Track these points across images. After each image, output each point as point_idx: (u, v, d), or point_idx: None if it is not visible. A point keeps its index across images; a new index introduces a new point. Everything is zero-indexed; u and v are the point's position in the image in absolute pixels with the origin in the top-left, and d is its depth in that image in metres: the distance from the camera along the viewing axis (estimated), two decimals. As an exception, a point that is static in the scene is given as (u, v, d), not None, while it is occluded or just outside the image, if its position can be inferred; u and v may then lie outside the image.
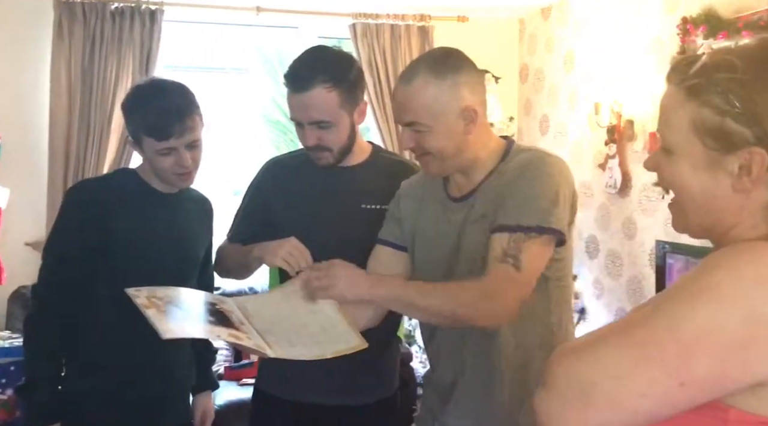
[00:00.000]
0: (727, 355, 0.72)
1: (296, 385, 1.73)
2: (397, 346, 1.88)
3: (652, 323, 0.75)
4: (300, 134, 1.66)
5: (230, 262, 1.78)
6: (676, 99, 0.84)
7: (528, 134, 4.27)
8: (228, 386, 3.32)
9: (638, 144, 3.29)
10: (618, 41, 3.44)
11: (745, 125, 0.79)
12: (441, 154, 1.41)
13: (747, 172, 0.79)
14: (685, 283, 0.77)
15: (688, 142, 0.83)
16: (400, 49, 3.99)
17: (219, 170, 4.96)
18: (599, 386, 0.74)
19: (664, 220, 3.12)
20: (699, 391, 0.74)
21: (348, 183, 1.72)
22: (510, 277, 1.32)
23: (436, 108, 1.38)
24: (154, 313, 1.32)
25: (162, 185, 1.75)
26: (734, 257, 0.76)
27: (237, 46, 5.08)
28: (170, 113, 1.63)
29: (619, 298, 3.43)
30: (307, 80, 1.58)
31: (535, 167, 1.39)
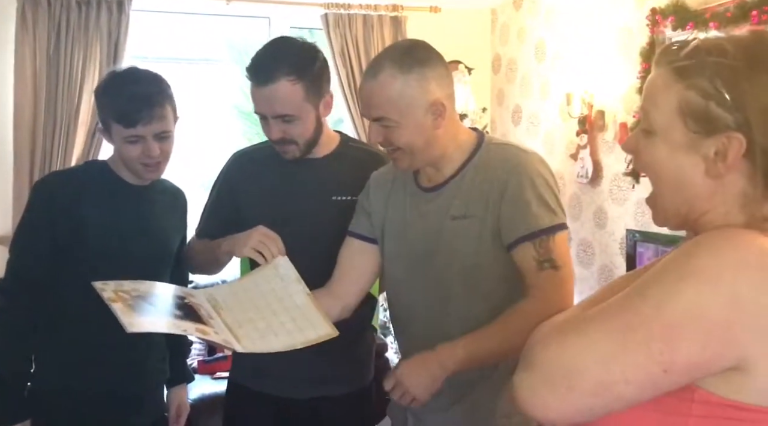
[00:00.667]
0: (710, 340, 0.72)
1: (270, 378, 1.72)
2: (371, 335, 1.88)
3: (637, 307, 0.75)
4: (265, 128, 1.64)
5: (200, 259, 1.76)
6: (663, 80, 0.84)
7: (501, 125, 4.29)
8: (202, 380, 3.29)
9: (609, 134, 3.33)
10: (588, 31, 3.46)
11: (728, 111, 0.79)
12: (410, 148, 1.40)
13: (722, 158, 0.80)
14: (669, 266, 0.77)
15: (670, 123, 0.83)
16: (373, 39, 3.97)
17: (189, 163, 4.91)
18: (585, 372, 0.75)
19: (635, 209, 3.17)
20: (680, 376, 0.74)
21: (317, 175, 1.70)
22: (555, 278, 1.35)
23: (403, 103, 1.36)
24: (120, 306, 1.30)
25: (133, 177, 1.72)
26: (717, 241, 0.76)
27: (207, 36, 5.02)
28: (139, 100, 1.60)
29: (591, 286, 3.47)
30: (271, 73, 1.56)
31: (524, 169, 1.39)
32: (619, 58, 3.24)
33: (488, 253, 1.40)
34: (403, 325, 1.55)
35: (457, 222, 1.42)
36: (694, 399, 0.75)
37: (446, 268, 1.43)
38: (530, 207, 1.36)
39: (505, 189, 1.38)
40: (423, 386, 1.33)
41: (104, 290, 1.34)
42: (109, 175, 1.72)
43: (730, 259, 0.74)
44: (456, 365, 1.33)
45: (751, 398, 0.73)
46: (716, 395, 0.74)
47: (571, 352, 0.76)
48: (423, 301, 1.47)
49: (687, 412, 0.76)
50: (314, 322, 1.42)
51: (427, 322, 1.46)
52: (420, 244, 1.47)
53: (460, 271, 1.41)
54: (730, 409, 0.74)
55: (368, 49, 3.95)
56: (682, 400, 0.76)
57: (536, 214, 1.36)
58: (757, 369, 0.72)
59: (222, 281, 3.67)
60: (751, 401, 0.73)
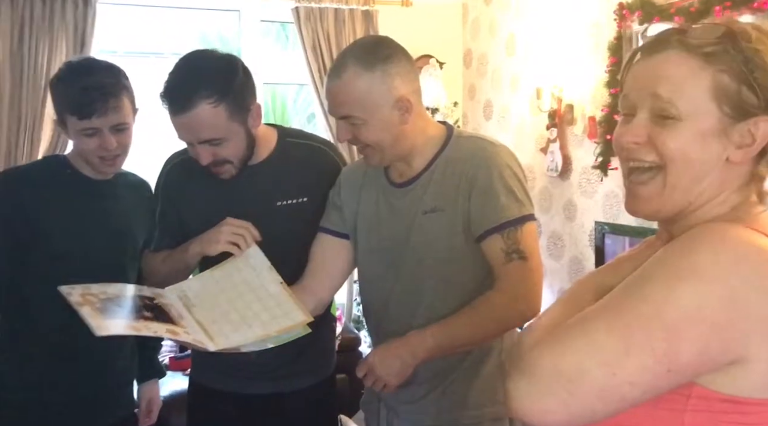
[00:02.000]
0: (712, 338, 0.72)
1: (230, 376, 1.70)
2: (332, 325, 1.87)
3: (637, 308, 0.74)
4: (192, 152, 1.54)
5: (165, 271, 1.67)
6: (689, 65, 0.82)
7: (472, 119, 4.31)
8: (173, 377, 3.27)
9: (578, 128, 3.37)
10: (557, 26, 3.49)
11: (757, 94, 0.80)
12: (379, 145, 1.41)
13: (749, 142, 0.80)
14: (666, 264, 0.76)
15: (703, 108, 0.81)
16: (345, 33, 3.96)
17: (161, 157, 4.84)
18: (588, 376, 0.73)
19: (603, 202, 3.21)
20: (684, 375, 0.74)
21: (258, 183, 1.62)
22: (523, 269, 1.37)
23: (369, 101, 1.37)
24: (88, 310, 1.28)
25: (93, 172, 1.67)
26: (711, 238, 0.76)
27: (178, 30, 4.95)
28: (94, 91, 1.55)
29: (561, 278, 3.52)
30: (188, 98, 1.44)
31: (493, 161, 1.40)
32: (587, 53, 3.27)
33: (460, 246, 1.41)
34: (376, 319, 1.56)
35: (428, 216, 1.43)
36: (691, 395, 0.75)
37: (419, 262, 1.44)
38: (499, 199, 1.38)
39: (474, 181, 1.39)
40: (394, 373, 1.35)
41: (71, 295, 1.32)
42: (68, 170, 1.67)
43: (727, 256, 0.73)
44: (425, 352, 1.35)
45: (746, 392, 0.74)
46: (713, 390, 0.74)
47: (571, 356, 0.74)
48: (396, 295, 1.48)
49: (683, 407, 0.76)
50: (288, 310, 1.42)
51: (399, 315, 1.47)
52: (392, 239, 1.47)
53: (433, 264, 1.43)
54: (726, 403, 0.74)
55: (340, 43, 3.94)
56: (679, 396, 0.76)
57: (504, 206, 1.38)
58: (753, 364, 0.73)
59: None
60: (746, 394, 0.74)
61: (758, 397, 0.73)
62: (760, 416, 0.74)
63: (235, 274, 1.47)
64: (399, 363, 1.35)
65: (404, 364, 1.35)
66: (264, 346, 1.39)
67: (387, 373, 1.35)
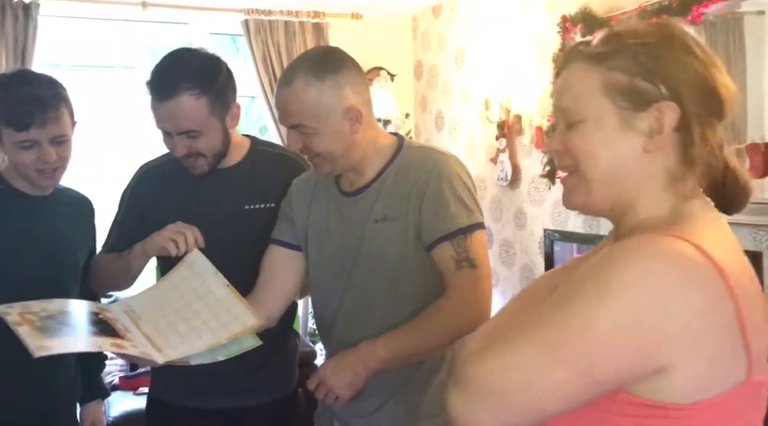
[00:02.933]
0: (635, 351, 0.74)
1: (191, 391, 1.68)
2: (294, 341, 1.86)
3: (562, 323, 0.76)
4: (168, 143, 1.58)
5: (108, 270, 1.67)
6: (579, 72, 0.86)
7: (424, 130, 4.36)
8: (124, 397, 3.20)
9: (526, 138, 3.44)
10: (504, 38, 3.57)
11: (654, 83, 0.82)
12: (330, 154, 1.41)
13: (658, 131, 0.82)
14: (590, 279, 0.78)
15: (598, 106, 0.84)
16: (295, 45, 3.96)
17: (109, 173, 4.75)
18: (516, 390, 0.75)
19: (552, 210, 3.29)
20: (606, 387, 0.76)
21: (228, 185, 1.65)
22: (473, 277, 1.37)
23: (320, 110, 1.37)
24: (26, 330, 1.24)
25: (30, 187, 1.63)
26: (633, 253, 0.77)
27: (125, 43, 4.87)
28: (31, 102, 1.51)
29: (513, 285, 3.57)
30: (172, 87, 1.49)
31: (442, 171, 1.42)
32: (533, 65, 3.35)
33: (411, 255, 1.42)
34: (328, 330, 1.55)
35: (379, 225, 1.43)
36: (617, 400, 0.77)
37: (370, 271, 1.44)
38: (449, 207, 1.39)
39: (424, 190, 1.40)
40: (345, 384, 1.35)
41: (8, 314, 1.28)
42: (1, 186, 1.62)
43: (644, 271, 0.75)
44: (377, 363, 1.35)
45: (670, 398, 0.76)
46: (638, 396, 0.76)
47: (500, 370, 0.76)
48: (347, 304, 1.48)
49: (612, 411, 0.78)
50: (237, 315, 1.40)
51: (352, 326, 1.47)
52: (343, 249, 1.47)
53: (384, 273, 1.43)
54: (652, 408, 0.76)
55: (291, 55, 3.93)
56: (607, 401, 0.78)
57: (454, 214, 1.39)
58: (675, 372, 0.75)
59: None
60: (671, 400, 0.75)
61: (682, 403, 0.75)
62: (686, 420, 0.76)
63: (181, 283, 1.45)
64: (350, 374, 1.35)
65: (356, 375, 1.35)
66: (214, 359, 1.36)
67: (338, 385, 1.35)
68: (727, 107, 0.84)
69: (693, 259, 0.75)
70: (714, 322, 0.75)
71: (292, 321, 1.83)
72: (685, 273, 0.75)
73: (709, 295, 0.75)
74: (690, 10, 2.46)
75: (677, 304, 0.74)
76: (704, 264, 0.76)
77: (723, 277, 0.76)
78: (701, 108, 0.82)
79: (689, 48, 0.83)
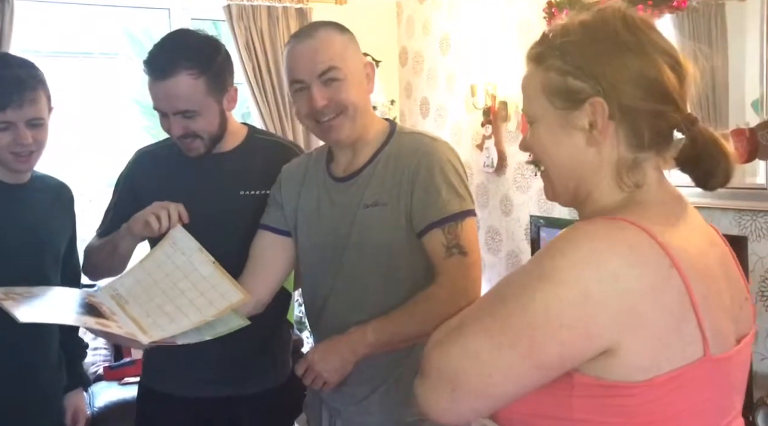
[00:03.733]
0: (573, 335, 0.76)
1: (182, 379, 1.67)
2: (287, 330, 1.85)
3: (503, 310, 0.79)
4: (164, 124, 1.58)
5: (98, 254, 1.66)
6: (528, 71, 0.91)
7: (410, 117, 4.34)
8: (108, 387, 3.16)
9: (512, 124, 3.44)
10: (490, 24, 3.55)
11: (583, 80, 0.85)
12: (355, 108, 1.41)
13: (595, 125, 0.85)
14: (531, 267, 0.81)
15: (542, 108, 0.89)
16: (278, 31, 3.91)
17: (92, 161, 4.68)
18: (464, 376, 0.78)
19: (537, 196, 3.29)
20: (553, 370, 0.78)
21: (223, 170, 1.65)
22: (463, 264, 1.37)
23: (348, 55, 1.40)
24: (10, 303, 1.23)
25: (8, 174, 1.61)
26: (571, 239, 0.79)
27: (104, 29, 4.79)
28: (8, 82, 1.50)
29: (499, 272, 3.58)
30: (170, 67, 1.50)
31: (434, 157, 1.41)
32: (519, 51, 3.34)
33: (402, 241, 1.41)
34: (317, 316, 1.54)
35: (370, 210, 1.42)
36: (573, 382, 0.79)
37: (360, 257, 1.43)
38: (440, 193, 1.38)
39: (416, 176, 1.40)
40: (333, 369, 1.35)
41: None
42: None
43: (577, 256, 0.77)
44: (365, 348, 1.35)
45: (621, 376, 0.77)
46: (592, 376, 0.78)
47: (450, 358, 0.79)
48: (336, 290, 1.47)
49: (569, 393, 0.80)
50: (223, 291, 1.40)
51: (340, 311, 1.46)
52: (333, 234, 1.46)
53: (374, 259, 1.42)
54: (606, 388, 0.78)
55: (274, 41, 3.89)
56: (564, 383, 0.80)
57: (445, 201, 1.38)
58: (622, 351, 0.76)
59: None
60: (623, 379, 0.77)
61: (634, 381, 0.77)
62: (636, 398, 0.77)
63: (165, 262, 1.44)
64: (338, 359, 1.34)
65: (344, 360, 1.35)
66: (201, 339, 1.35)
67: (326, 370, 1.34)
68: (672, 92, 0.84)
69: (636, 239, 0.78)
70: (658, 301, 0.77)
71: (286, 311, 1.82)
72: (627, 253, 0.76)
73: (652, 275, 0.77)
74: (675, -5, 2.46)
75: (619, 285, 0.75)
76: (648, 245, 0.77)
77: (669, 257, 0.78)
78: (637, 98, 0.84)
79: (617, 38, 0.85)
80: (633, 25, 0.86)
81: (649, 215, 0.82)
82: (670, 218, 0.84)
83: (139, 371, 1.87)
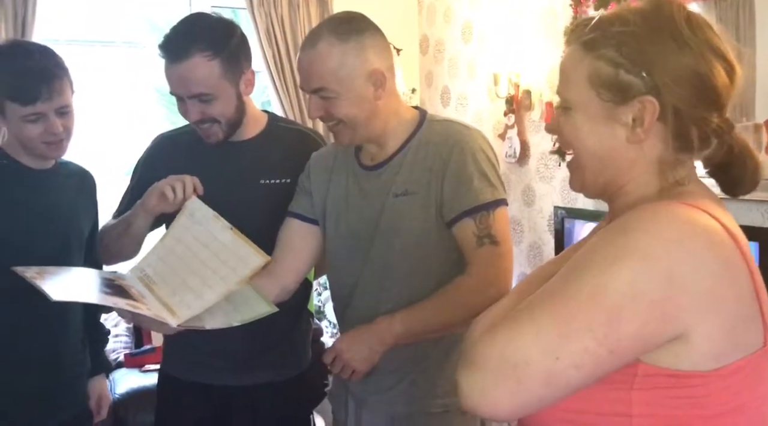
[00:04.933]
0: (651, 317, 0.73)
1: (203, 367, 1.67)
2: (308, 320, 1.85)
3: (575, 292, 0.75)
4: (182, 109, 1.57)
5: (110, 233, 1.65)
6: (573, 56, 0.87)
7: (430, 106, 4.29)
8: (129, 373, 3.19)
9: (535, 114, 3.38)
10: (513, 12, 3.50)
11: (637, 76, 0.82)
12: (352, 121, 1.38)
13: (640, 123, 0.82)
14: (601, 247, 0.78)
15: (585, 96, 0.85)
16: (299, 18, 3.89)
17: (111, 149, 4.70)
18: (533, 363, 0.74)
19: (561, 187, 3.24)
20: (625, 355, 0.75)
21: (244, 158, 1.64)
22: (494, 254, 1.35)
23: (343, 72, 1.34)
24: (43, 282, 1.24)
25: (33, 161, 1.61)
26: (648, 218, 0.77)
27: (125, 17, 4.80)
28: (36, 74, 1.50)
29: (521, 263, 3.54)
30: (185, 49, 1.49)
31: (466, 145, 1.39)
32: (543, 39, 3.28)
33: (431, 230, 1.39)
34: (344, 305, 1.53)
35: (399, 199, 1.40)
36: (637, 373, 0.77)
37: (389, 246, 1.41)
38: (472, 182, 1.36)
39: (447, 164, 1.37)
40: (362, 359, 1.34)
41: (26, 271, 1.28)
42: (4, 160, 1.61)
43: (661, 234, 0.75)
44: (394, 338, 1.34)
45: (690, 366, 0.75)
46: (658, 366, 0.76)
47: (515, 345, 0.75)
48: (364, 279, 1.45)
49: (629, 386, 0.77)
50: (243, 256, 1.39)
51: (368, 301, 1.45)
52: (362, 223, 1.45)
53: (403, 248, 1.40)
54: (672, 378, 0.76)
55: (294, 28, 3.87)
56: (625, 375, 0.77)
57: (477, 189, 1.36)
58: (694, 338, 0.75)
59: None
60: (691, 368, 0.75)
61: (702, 370, 0.75)
62: (705, 388, 0.76)
63: (184, 234, 1.45)
64: (366, 348, 1.33)
65: (372, 350, 1.33)
66: (229, 324, 1.35)
67: (354, 359, 1.34)
68: (723, 97, 0.83)
69: (706, 222, 0.77)
70: (729, 282, 0.76)
71: (308, 300, 1.82)
72: (699, 235, 0.75)
73: (724, 257, 0.76)
74: (708, -19, 2.40)
75: (692, 266, 0.74)
76: (716, 227, 0.77)
77: (735, 240, 0.77)
78: (690, 101, 0.81)
79: (680, 36, 0.82)
80: (696, 24, 0.83)
81: (702, 203, 0.80)
82: (718, 208, 0.82)
83: (159, 358, 1.88)
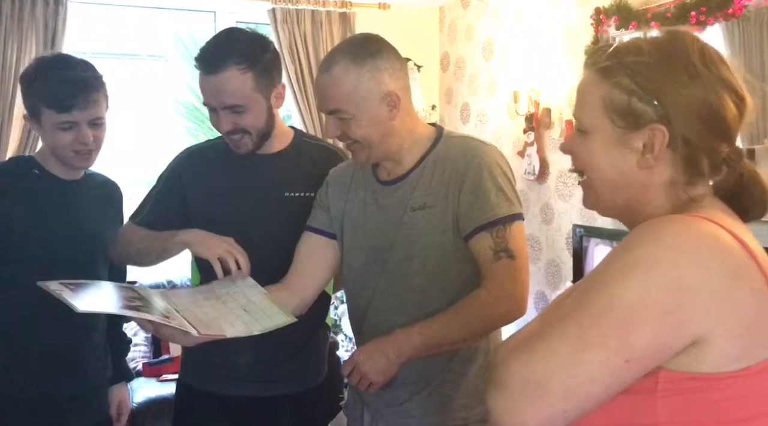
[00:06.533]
0: (663, 325, 0.75)
1: (221, 378, 1.68)
2: (325, 333, 1.85)
3: (588, 305, 0.78)
4: (214, 120, 1.61)
5: (138, 245, 1.66)
6: (590, 81, 0.90)
7: (450, 122, 4.31)
8: (147, 383, 3.22)
9: (555, 131, 3.39)
10: (535, 30, 3.51)
11: (649, 104, 0.84)
12: (367, 141, 1.40)
13: (650, 149, 0.85)
14: (613, 261, 0.80)
15: (599, 121, 0.88)
16: (322, 35, 3.94)
17: (135, 161, 4.77)
18: (552, 378, 0.76)
19: (580, 205, 3.22)
20: (642, 365, 0.77)
21: (269, 171, 1.67)
22: (511, 268, 1.36)
23: (358, 95, 1.37)
24: (68, 293, 1.27)
25: (63, 171, 1.66)
26: (655, 230, 0.79)
27: (153, 31, 4.89)
28: (75, 84, 1.55)
29: (538, 281, 3.53)
30: (220, 61, 1.53)
31: (483, 160, 1.40)
32: (564, 57, 3.29)
33: (448, 244, 1.41)
34: (361, 318, 1.53)
35: (416, 213, 1.42)
36: (659, 380, 0.78)
37: (406, 260, 1.43)
38: (489, 197, 1.37)
39: (464, 179, 1.39)
40: (379, 371, 1.34)
41: (50, 285, 1.31)
42: (37, 170, 1.65)
43: (667, 244, 0.77)
44: (411, 350, 1.34)
45: (711, 368, 0.76)
46: (679, 371, 0.77)
47: (535, 363, 0.78)
48: (381, 292, 1.47)
49: (653, 394, 0.78)
50: (270, 314, 1.42)
51: (386, 315, 1.46)
52: (380, 237, 1.46)
53: (420, 262, 1.42)
54: (694, 382, 0.77)
55: (317, 45, 3.92)
56: (648, 383, 0.78)
57: (494, 204, 1.37)
58: (711, 340, 0.75)
59: (168, 282, 3.60)
60: (712, 370, 0.76)
61: (724, 371, 0.76)
62: (729, 390, 0.76)
63: (218, 289, 1.49)
64: (384, 360, 1.34)
65: (389, 362, 1.34)
66: (250, 333, 1.38)
67: (372, 371, 1.34)
68: (733, 129, 0.85)
69: (712, 230, 0.78)
70: (743, 286, 0.77)
71: (326, 313, 1.83)
72: (705, 242, 0.77)
73: (733, 262, 0.77)
74: (731, 2, 2.39)
75: (701, 272, 0.75)
76: (723, 235, 0.78)
77: (744, 247, 0.78)
78: (700, 131, 0.84)
79: (693, 69, 0.84)
80: (709, 58, 0.85)
81: (714, 215, 0.82)
82: (732, 221, 0.84)
83: (177, 368, 1.89)
